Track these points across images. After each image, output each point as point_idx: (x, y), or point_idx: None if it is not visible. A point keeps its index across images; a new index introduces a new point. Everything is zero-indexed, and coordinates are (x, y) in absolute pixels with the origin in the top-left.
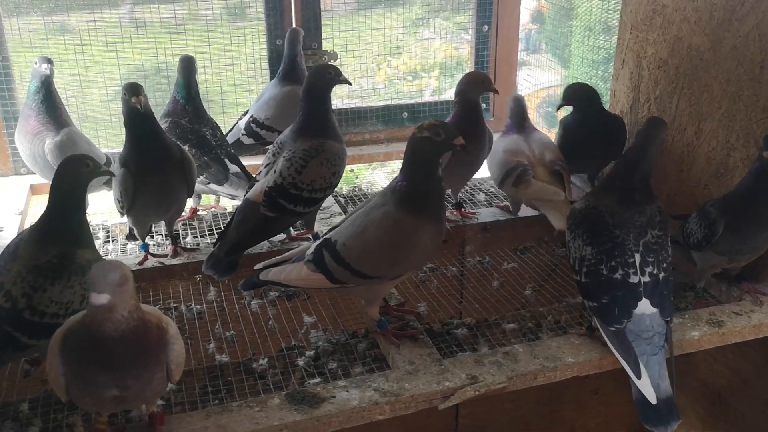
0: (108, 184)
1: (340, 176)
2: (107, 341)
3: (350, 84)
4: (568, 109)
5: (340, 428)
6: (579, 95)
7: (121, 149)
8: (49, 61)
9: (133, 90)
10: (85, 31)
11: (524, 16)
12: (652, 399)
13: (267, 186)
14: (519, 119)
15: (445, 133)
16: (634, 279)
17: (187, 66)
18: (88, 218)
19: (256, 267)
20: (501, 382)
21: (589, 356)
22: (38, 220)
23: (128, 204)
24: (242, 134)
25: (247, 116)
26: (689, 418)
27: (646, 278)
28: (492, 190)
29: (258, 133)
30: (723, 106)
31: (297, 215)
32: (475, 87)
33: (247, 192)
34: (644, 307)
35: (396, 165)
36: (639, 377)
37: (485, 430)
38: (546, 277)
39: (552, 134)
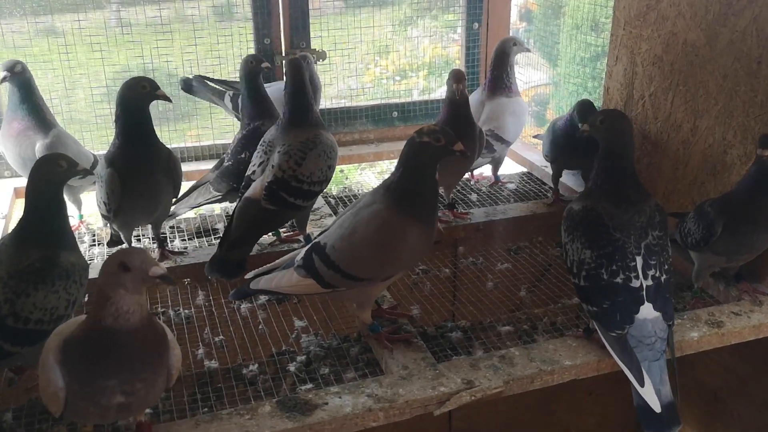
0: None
1: (334, 169)
2: (121, 334)
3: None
4: (561, 109)
5: None
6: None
7: (106, 151)
8: (10, 68)
9: (155, 83)
10: (69, 33)
11: (513, 15)
12: (657, 407)
13: (267, 180)
14: (495, 78)
15: (445, 138)
16: (635, 283)
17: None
18: (86, 219)
19: (247, 276)
20: (497, 387)
21: (586, 359)
22: (17, 224)
23: (115, 206)
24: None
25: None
26: (685, 419)
27: (649, 282)
28: (484, 190)
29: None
30: (719, 103)
31: (296, 209)
32: (449, 86)
33: (242, 194)
34: (647, 311)
35: (386, 165)
36: (642, 385)
37: None
38: (540, 277)
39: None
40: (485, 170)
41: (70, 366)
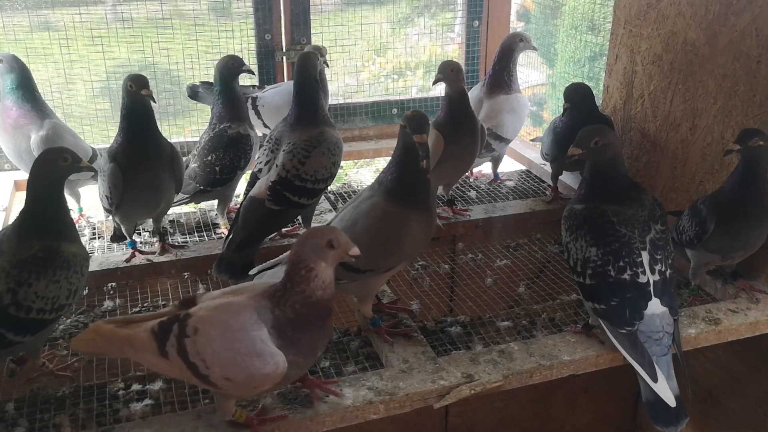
0: (95, 177)
1: (339, 165)
2: (328, 302)
3: (327, 66)
4: (558, 110)
5: (333, 428)
6: (578, 93)
7: (106, 145)
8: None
9: (141, 82)
10: (70, 27)
11: (511, 14)
12: (671, 402)
13: (271, 180)
14: (496, 74)
15: (410, 125)
16: (643, 279)
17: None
18: (86, 213)
19: (251, 272)
20: (497, 381)
21: (585, 354)
22: (18, 216)
23: (117, 200)
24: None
25: (259, 93)
26: None
27: (656, 276)
28: (483, 187)
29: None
30: (718, 102)
31: (301, 207)
32: (447, 76)
33: (248, 191)
34: (654, 307)
35: (385, 162)
36: (656, 380)
37: (475, 429)
38: (538, 273)
39: (536, 132)
40: (485, 167)
41: (293, 344)
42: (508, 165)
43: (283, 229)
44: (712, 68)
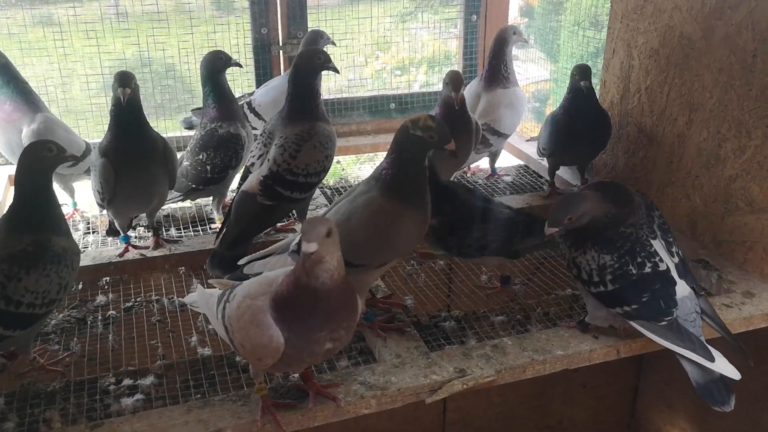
0: (89, 172)
1: (332, 159)
2: (322, 292)
3: (338, 72)
4: (557, 104)
5: (325, 422)
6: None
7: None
8: None
9: (121, 80)
10: (65, 22)
11: (513, 11)
12: (736, 375)
13: (262, 175)
14: (492, 69)
15: (438, 136)
16: (662, 267)
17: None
18: (80, 207)
19: (240, 262)
20: (489, 376)
21: (578, 349)
22: (8, 210)
23: (109, 195)
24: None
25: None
26: (678, 412)
27: (675, 259)
28: (480, 182)
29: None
30: (714, 96)
31: (294, 202)
32: (446, 86)
33: (241, 185)
34: (681, 290)
35: (383, 157)
36: (713, 360)
37: (473, 424)
38: (534, 271)
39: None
40: (482, 162)
41: (285, 320)
42: (506, 160)
43: (278, 224)
44: (708, 62)
